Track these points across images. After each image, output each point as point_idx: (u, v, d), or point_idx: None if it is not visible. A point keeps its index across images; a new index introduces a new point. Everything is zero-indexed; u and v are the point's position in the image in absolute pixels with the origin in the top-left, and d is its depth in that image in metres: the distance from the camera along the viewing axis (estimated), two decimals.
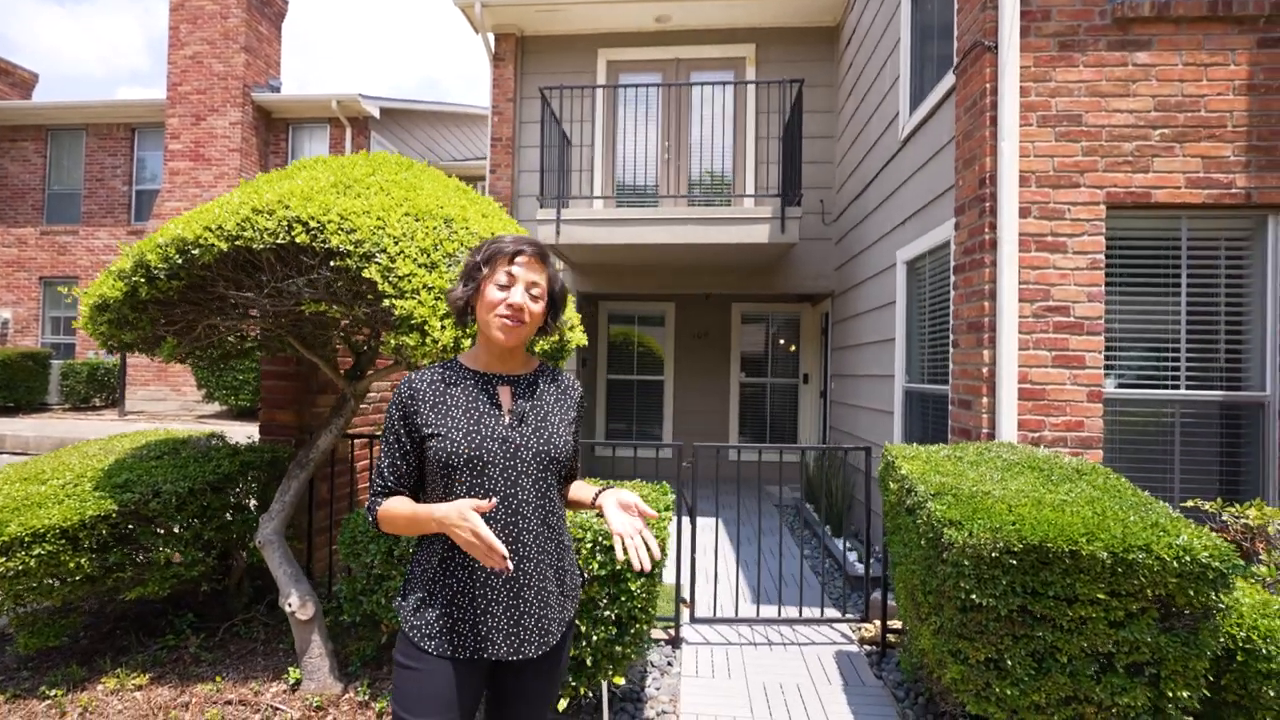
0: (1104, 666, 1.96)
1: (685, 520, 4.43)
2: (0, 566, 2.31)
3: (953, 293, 3.30)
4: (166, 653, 2.76)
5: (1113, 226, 2.95)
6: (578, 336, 2.94)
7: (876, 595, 3.43)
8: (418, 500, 1.40)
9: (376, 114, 11.34)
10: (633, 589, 2.30)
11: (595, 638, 2.30)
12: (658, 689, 2.82)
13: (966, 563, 1.98)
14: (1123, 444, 2.97)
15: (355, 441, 3.64)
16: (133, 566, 2.61)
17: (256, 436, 3.51)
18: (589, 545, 2.31)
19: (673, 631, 3.28)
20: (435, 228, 2.32)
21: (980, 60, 2.97)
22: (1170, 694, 1.92)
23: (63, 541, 2.37)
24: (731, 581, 3.61)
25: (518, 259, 1.39)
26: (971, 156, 3.07)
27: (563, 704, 2.38)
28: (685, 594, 3.60)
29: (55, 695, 2.43)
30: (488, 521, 1.30)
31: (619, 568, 2.29)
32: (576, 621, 2.30)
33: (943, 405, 3.55)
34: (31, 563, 2.32)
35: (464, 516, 1.19)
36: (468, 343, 2.10)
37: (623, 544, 1.29)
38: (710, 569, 3.65)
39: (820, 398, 7.55)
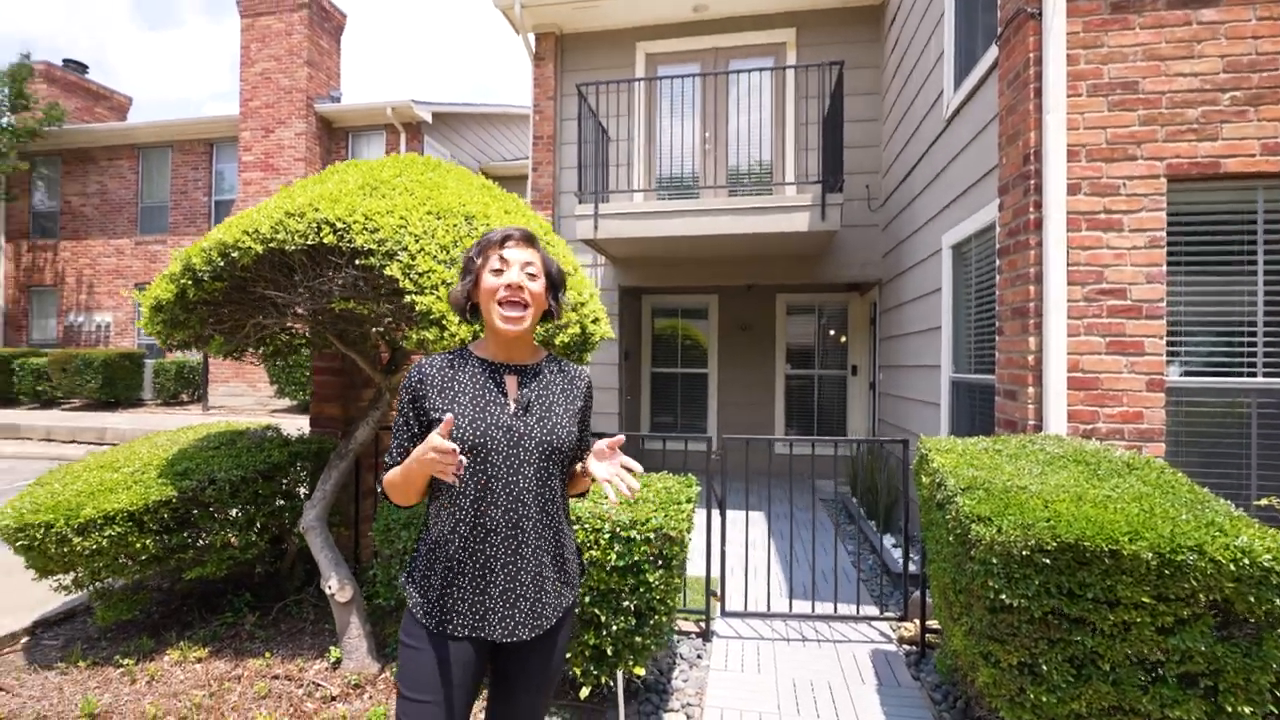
0: (1153, 676, 1.82)
1: (715, 513, 4.38)
2: (79, 545, 2.54)
3: (997, 277, 3.12)
4: (225, 629, 2.97)
5: (1175, 201, 2.71)
6: (602, 329, 2.96)
7: (917, 593, 3.30)
8: (430, 488, 1.45)
9: (428, 118, 11.73)
10: (651, 580, 2.30)
11: (615, 627, 2.32)
12: (685, 681, 2.82)
13: (995, 561, 1.88)
14: (1188, 437, 2.73)
15: None
16: (193, 548, 2.82)
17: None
18: (607, 536, 2.32)
19: (703, 624, 3.26)
20: (456, 225, 2.39)
21: (1023, 29, 2.78)
22: (1230, 709, 1.76)
23: (130, 524, 2.60)
24: (767, 576, 3.56)
25: (507, 244, 1.42)
26: (1015, 132, 2.89)
27: (585, 692, 2.42)
28: (715, 587, 3.57)
29: (127, 664, 2.66)
30: (490, 509, 1.35)
31: (637, 558, 2.30)
32: (597, 611, 2.33)
33: (989, 396, 3.37)
34: (104, 543, 2.55)
35: (430, 445, 1.22)
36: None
37: (612, 488, 1.32)
38: (746, 562, 3.61)
39: (869, 390, 7.31)
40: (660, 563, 2.34)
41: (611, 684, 2.45)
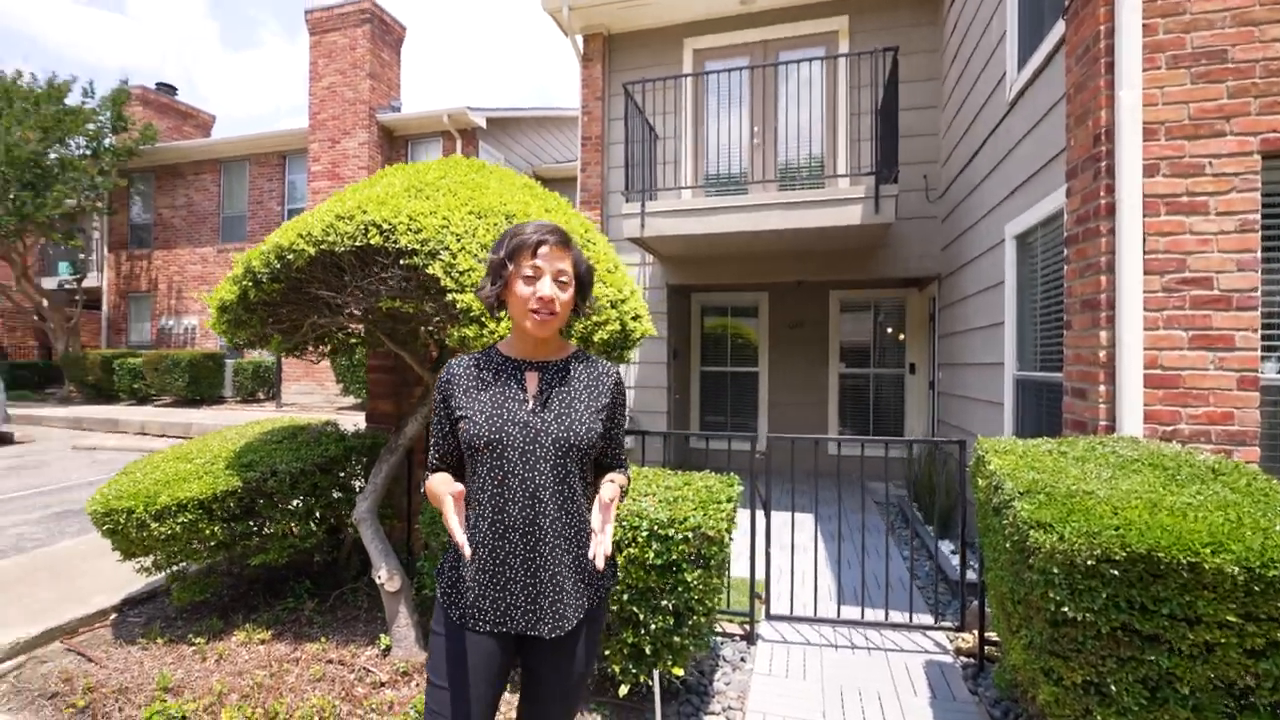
0: (1242, 703, 1.65)
1: (760, 513, 4.30)
2: (156, 530, 2.73)
3: (1065, 268, 2.92)
4: (287, 613, 3.13)
5: (1271, 180, 2.45)
6: (643, 326, 2.94)
7: (975, 603, 3.13)
8: (461, 476, 1.49)
9: (483, 124, 12.04)
10: (689, 579, 2.26)
11: (654, 626, 2.30)
12: (727, 684, 2.77)
13: (1056, 570, 1.75)
14: None
15: None
16: (257, 536, 2.98)
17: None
18: (645, 534, 2.30)
19: (747, 627, 3.20)
20: (496, 224, 2.43)
21: None
22: None
23: (200, 512, 2.77)
24: (814, 579, 3.45)
25: (540, 250, 1.40)
26: (1084, 111, 2.69)
27: (624, 690, 2.41)
28: (760, 589, 3.50)
29: (199, 643, 2.84)
30: (508, 505, 1.36)
31: (674, 557, 2.27)
32: (635, 609, 2.32)
33: (1057, 395, 3.16)
34: (177, 528, 2.73)
35: (441, 503, 1.29)
36: None
37: (594, 543, 1.31)
38: (792, 565, 3.52)
39: (929, 389, 7.01)
40: (699, 562, 2.31)
41: (650, 683, 2.42)
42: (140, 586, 3.47)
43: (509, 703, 2.36)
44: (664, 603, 2.30)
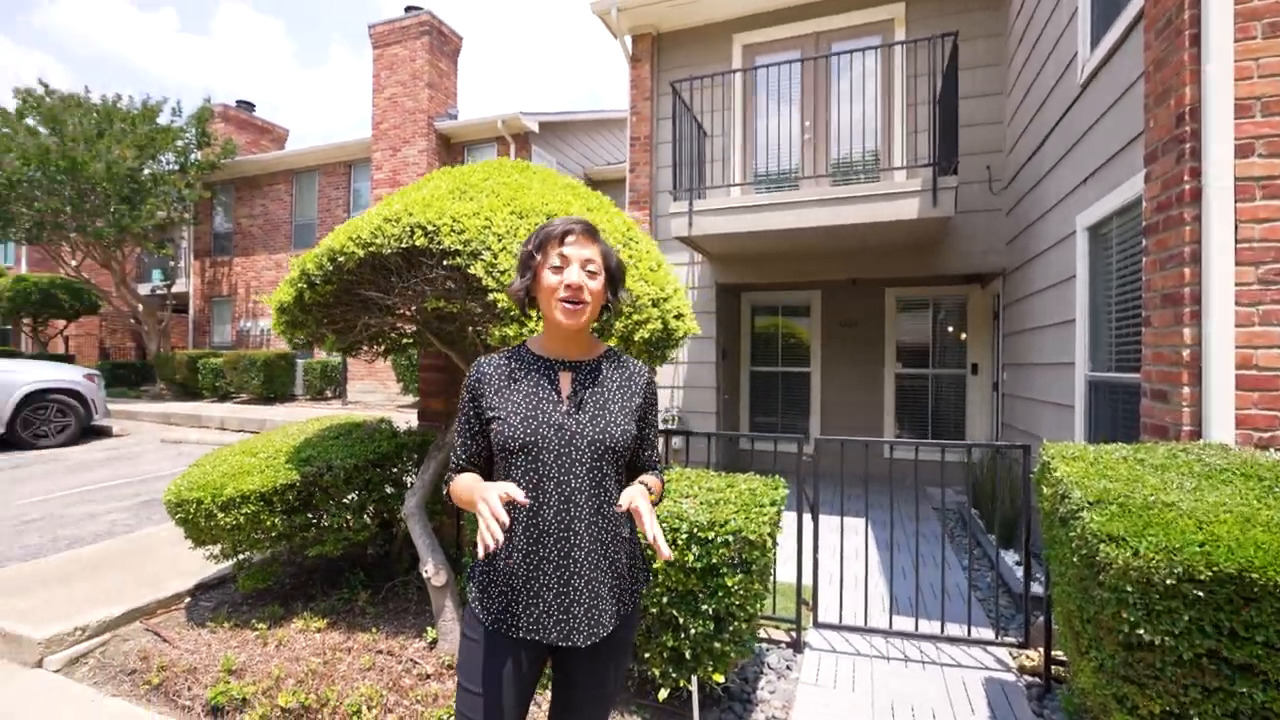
0: None
1: (808, 517, 4.15)
2: (222, 520, 2.89)
3: (1144, 259, 2.69)
4: (342, 603, 3.25)
5: None
6: (686, 324, 2.90)
7: (1041, 618, 2.93)
8: (491, 477, 1.47)
9: (535, 128, 12.25)
10: (729, 584, 2.21)
11: (693, 631, 2.26)
12: (771, 693, 2.69)
13: (1130, 589, 1.60)
14: None
15: None
16: (314, 528, 3.11)
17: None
18: (685, 536, 2.27)
19: (794, 634, 3.10)
20: (537, 223, 2.44)
21: None
22: None
23: (262, 504, 2.91)
24: (865, 587, 3.32)
25: (567, 239, 1.39)
26: (1165, 89, 2.47)
27: (663, 694, 2.38)
28: (807, 596, 3.39)
29: (260, 629, 2.99)
30: (543, 509, 1.33)
31: (714, 561, 2.22)
32: (675, 612, 2.28)
33: (1134, 398, 2.92)
34: (241, 519, 2.88)
35: (485, 498, 1.17)
36: None
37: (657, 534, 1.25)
38: (841, 572, 3.39)
39: (992, 390, 6.64)
40: (740, 567, 2.25)
41: (690, 688, 2.38)
42: (212, 573, 3.69)
43: (547, 696, 2.36)
44: (704, 607, 2.25)
